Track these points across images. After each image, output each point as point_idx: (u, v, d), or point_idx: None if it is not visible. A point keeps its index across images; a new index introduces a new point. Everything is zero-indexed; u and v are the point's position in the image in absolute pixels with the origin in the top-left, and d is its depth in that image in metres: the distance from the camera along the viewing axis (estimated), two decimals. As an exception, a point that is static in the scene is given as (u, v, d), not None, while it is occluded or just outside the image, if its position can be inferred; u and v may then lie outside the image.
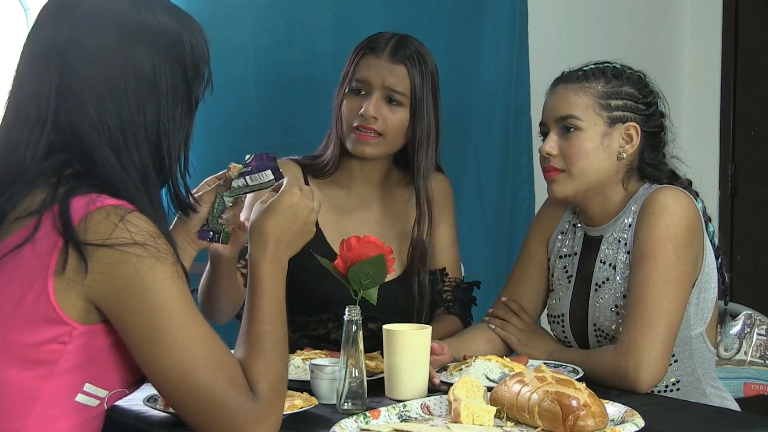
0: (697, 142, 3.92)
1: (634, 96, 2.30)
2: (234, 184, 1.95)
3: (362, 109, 2.43)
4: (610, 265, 2.30)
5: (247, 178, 1.94)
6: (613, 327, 2.26)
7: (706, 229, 2.29)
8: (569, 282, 2.38)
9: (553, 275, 2.43)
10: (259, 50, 3.00)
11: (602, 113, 2.27)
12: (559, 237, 2.43)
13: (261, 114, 3.03)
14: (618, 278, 2.27)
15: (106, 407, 1.64)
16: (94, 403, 1.61)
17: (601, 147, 2.27)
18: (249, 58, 3.00)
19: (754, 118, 3.95)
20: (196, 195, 2.00)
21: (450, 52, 3.36)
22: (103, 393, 1.61)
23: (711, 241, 2.30)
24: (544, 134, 2.33)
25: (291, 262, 2.46)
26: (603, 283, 2.30)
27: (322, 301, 2.45)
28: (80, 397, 1.58)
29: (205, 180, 2.04)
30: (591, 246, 2.36)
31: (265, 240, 1.72)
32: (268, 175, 1.94)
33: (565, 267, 2.40)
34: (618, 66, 2.33)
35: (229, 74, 2.99)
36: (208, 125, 2.97)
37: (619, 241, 2.29)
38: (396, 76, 2.46)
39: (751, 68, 3.96)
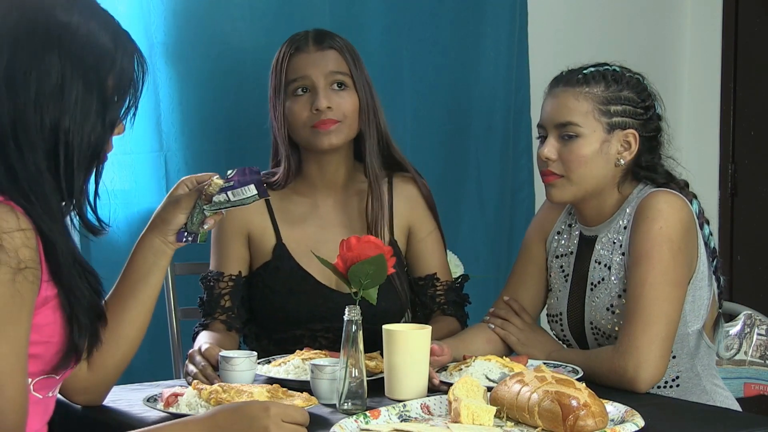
0: (697, 142, 3.92)
1: (633, 101, 2.28)
2: (215, 198, 1.90)
3: (315, 105, 2.38)
4: (605, 265, 2.29)
5: (229, 193, 1.89)
6: (609, 326, 2.26)
7: (702, 231, 2.28)
8: (566, 281, 2.38)
9: (550, 275, 2.43)
10: (257, 50, 2.99)
11: (602, 119, 2.26)
12: (556, 237, 2.43)
13: (259, 114, 3.02)
14: (613, 278, 2.27)
15: (35, 393, 1.61)
16: None
17: (599, 154, 2.26)
18: (247, 57, 2.99)
19: (754, 118, 3.95)
20: (173, 195, 1.96)
21: (450, 52, 3.35)
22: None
23: (706, 244, 2.30)
24: (543, 136, 2.32)
25: (258, 281, 2.44)
26: (598, 283, 2.30)
27: (292, 317, 2.42)
28: None
29: (182, 179, 1.99)
30: (586, 245, 2.36)
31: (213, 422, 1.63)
32: (251, 189, 1.90)
33: (561, 266, 2.40)
34: (618, 69, 2.32)
35: (228, 74, 2.98)
36: (205, 125, 2.97)
37: (614, 243, 2.29)
38: (331, 60, 2.43)
39: (751, 68, 3.96)
